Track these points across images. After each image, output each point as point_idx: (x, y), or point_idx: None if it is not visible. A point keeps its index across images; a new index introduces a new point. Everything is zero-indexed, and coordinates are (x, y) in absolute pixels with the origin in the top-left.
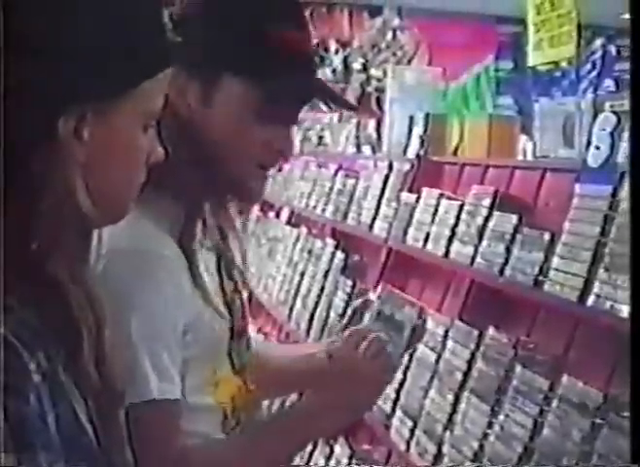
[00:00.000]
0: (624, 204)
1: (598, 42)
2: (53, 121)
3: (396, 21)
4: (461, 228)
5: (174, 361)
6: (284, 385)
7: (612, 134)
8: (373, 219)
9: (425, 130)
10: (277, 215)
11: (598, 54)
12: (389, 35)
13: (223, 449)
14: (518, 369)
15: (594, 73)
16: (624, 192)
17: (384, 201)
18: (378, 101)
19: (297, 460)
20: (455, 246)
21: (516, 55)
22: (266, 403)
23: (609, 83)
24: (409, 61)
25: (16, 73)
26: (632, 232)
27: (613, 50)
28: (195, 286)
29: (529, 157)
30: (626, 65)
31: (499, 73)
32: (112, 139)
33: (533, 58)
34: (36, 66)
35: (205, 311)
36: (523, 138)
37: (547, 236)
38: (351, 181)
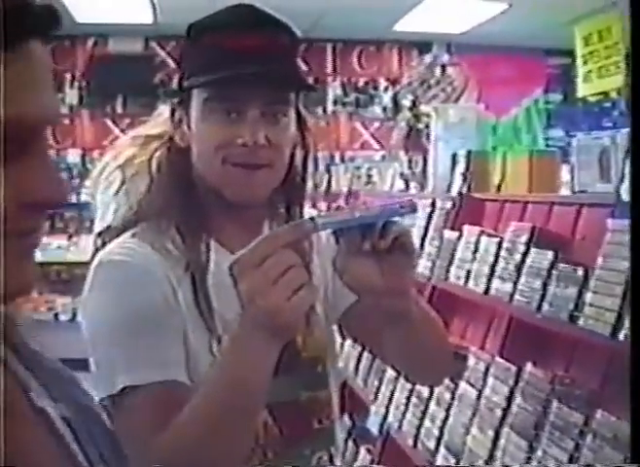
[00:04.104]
0: None
1: None
2: None
3: (445, 57)
4: (500, 264)
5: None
6: None
7: None
8: (418, 257)
9: (467, 168)
10: None
11: None
12: (438, 71)
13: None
14: (555, 404)
15: None
16: None
17: (428, 239)
18: (428, 138)
19: None
20: (495, 283)
21: (566, 87)
22: None
23: None
24: (459, 97)
25: None
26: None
27: None
28: (195, 305)
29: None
30: None
31: (549, 105)
32: None
33: (582, 90)
34: None
35: (199, 330)
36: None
37: (580, 272)
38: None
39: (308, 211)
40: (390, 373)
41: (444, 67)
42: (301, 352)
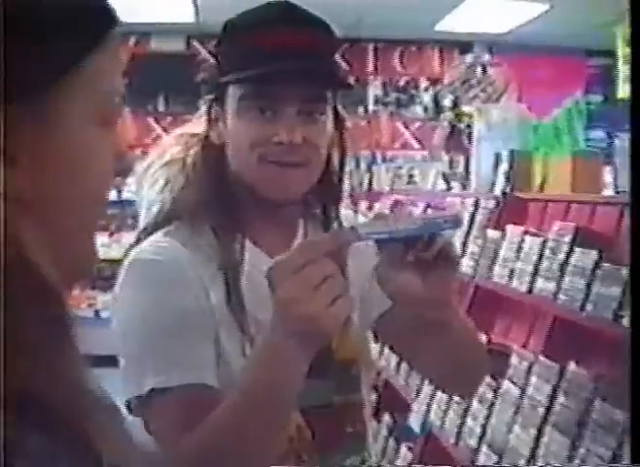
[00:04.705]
0: None
1: None
2: None
3: (486, 58)
4: (544, 264)
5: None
6: None
7: None
8: (461, 256)
9: (510, 167)
10: None
11: None
12: (479, 71)
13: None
14: (598, 403)
15: None
16: None
17: (471, 239)
18: (469, 138)
19: None
20: (539, 282)
21: (607, 88)
22: None
23: None
24: (499, 97)
25: None
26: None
27: None
28: (228, 305)
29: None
30: None
31: (590, 106)
32: (60, 150)
33: (623, 90)
34: None
35: (231, 331)
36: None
37: (624, 271)
38: None
39: (347, 211)
40: None
41: (484, 67)
42: (334, 355)
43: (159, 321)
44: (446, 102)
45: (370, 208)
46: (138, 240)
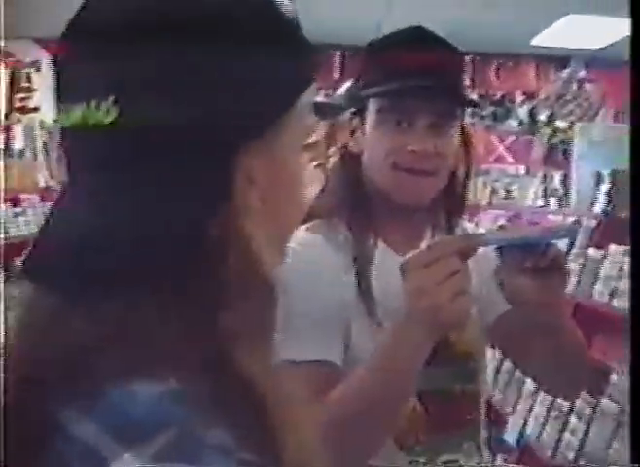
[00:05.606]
0: None
1: None
2: (227, 167)
3: (582, 73)
4: None
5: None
6: None
7: None
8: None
9: (612, 186)
10: None
11: None
12: (575, 87)
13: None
14: None
15: None
16: None
17: (572, 257)
18: (565, 153)
19: None
20: None
21: None
22: None
23: None
24: (596, 113)
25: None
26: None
27: None
28: (360, 296)
29: None
30: None
31: None
32: (281, 171)
33: None
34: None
35: (361, 319)
36: None
37: None
38: None
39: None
40: (528, 386)
41: (581, 83)
42: (454, 347)
43: (296, 302)
44: (542, 117)
45: (468, 220)
46: None
